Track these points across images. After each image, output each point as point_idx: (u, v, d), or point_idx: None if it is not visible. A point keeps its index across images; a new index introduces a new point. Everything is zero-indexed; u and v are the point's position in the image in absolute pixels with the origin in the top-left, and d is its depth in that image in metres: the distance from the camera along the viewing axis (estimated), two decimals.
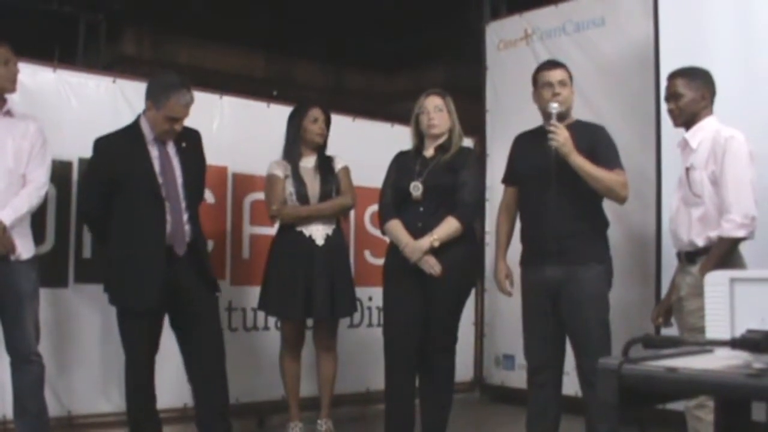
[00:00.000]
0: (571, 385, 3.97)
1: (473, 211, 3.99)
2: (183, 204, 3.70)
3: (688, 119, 3.39)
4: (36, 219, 3.77)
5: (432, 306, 3.83)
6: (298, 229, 4.28)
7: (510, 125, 4.94)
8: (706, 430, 3.10)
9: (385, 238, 4.17)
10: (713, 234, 3.24)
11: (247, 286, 4.73)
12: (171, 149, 3.74)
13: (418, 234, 3.81)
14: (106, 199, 3.66)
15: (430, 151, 3.96)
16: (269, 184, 4.36)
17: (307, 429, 4.39)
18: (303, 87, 9.86)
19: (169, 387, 4.12)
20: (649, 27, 4.68)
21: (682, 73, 3.42)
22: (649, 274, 4.58)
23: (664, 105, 3.53)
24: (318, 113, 4.40)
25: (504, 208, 3.93)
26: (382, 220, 4.02)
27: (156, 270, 3.59)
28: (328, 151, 4.47)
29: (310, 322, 4.46)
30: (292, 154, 4.36)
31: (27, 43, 4.05)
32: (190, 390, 3.87)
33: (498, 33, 5.84)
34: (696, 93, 3.36)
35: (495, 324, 5.69)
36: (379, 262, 4.71)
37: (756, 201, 3.20)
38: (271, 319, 4.76)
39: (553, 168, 3.50)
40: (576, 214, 3.57)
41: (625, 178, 3.59)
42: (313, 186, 4.32)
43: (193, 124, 3.82)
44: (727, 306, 1.43)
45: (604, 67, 5.06)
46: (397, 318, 3.90)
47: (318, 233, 4.28)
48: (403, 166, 4.00)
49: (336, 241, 4.35)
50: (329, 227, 4.33)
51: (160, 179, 3.65)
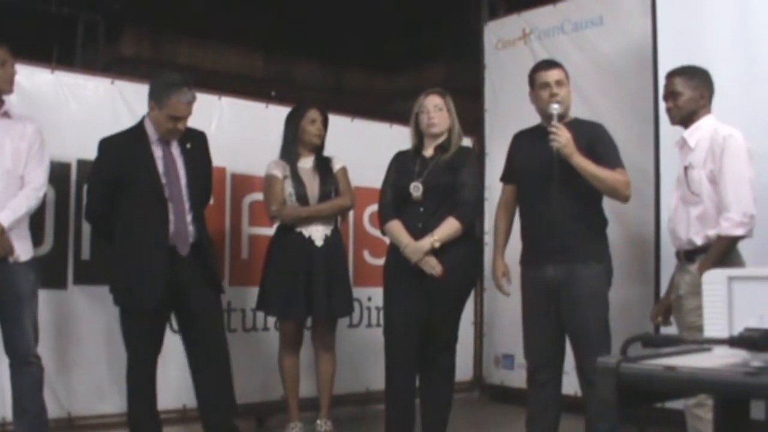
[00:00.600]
0: (570, 384, 3.97)
1: (473, 211, 3.99)
2: (186, 205, 3.71)
3: (686, 118, 3.40)
4: (35, 220, 3.77)
5: (432, 306, 3.83)
6: (298, 229, 4.28)
7: (508, 124, 4.94)
8: (706, 428, 3.10)
9: (385, 239, 4.17)
10: (712, 232, 3.24)
11: (246, 286, 4.73)
12: (175, 150, 3.75)
13: (418, 234, 3.81)
14: (111, 200, 3.67)
15: (429, 151, 3.96)
16: (268, 185, 4.36)
17: (307, 429, 4.39)
18: (302, 86, 9.85)
19: (170, 388, 4.12)
20: (647, 26, 4.68)
21: (680, 71, 3.43)
22: (648, 272, 4.59)
23: (663, 104, 3.54)
24: (316, 114, 4.40)
25: (502, 206, 3.92)
26: (382, 220, 4.01)
27: (157, 270, 3.59)
28: (328, 151, 4.48)
29: (309, 322, 4.46)
30: (290, 155, 4.36)
31: (25, 44, 4.05)
32: (194, 392, 3.86)
33: (496, 32, 5.84)
34: (694, 92, 3.37)
35: (494, 323, 5.69)
36: (378, 262, 4.72)
37: (754, 199, 3.20)
38: (271, 320, 4.76)
39: (555, 168, 3.49)
40: (576, 214, 3.56)
41: (627, 178, 3.59)
42: (312, 187, 4.33)
43: (192, 125, 3.82)
44: (726, 304, 1.43)
45: (603, 66, 5.06)
46: (397, 318, 3.89)
47: (317, 234, 4.29)
48: (402, 166, 4.00)
49: (334, 241, 4.35)
50: (328, 228, 4.33)
51: (163, 180, 3.67)
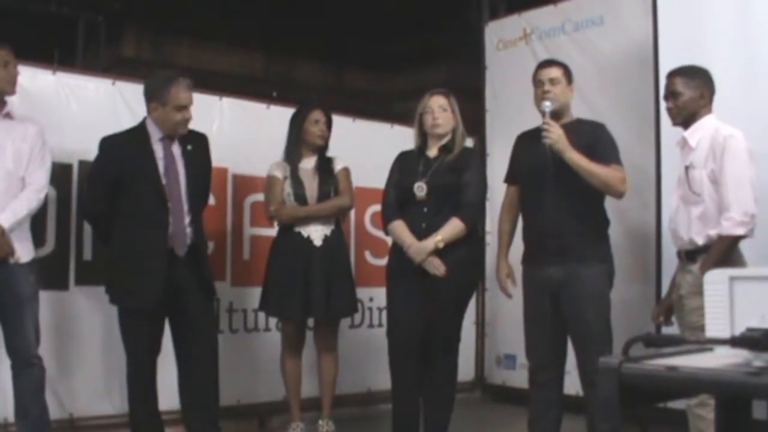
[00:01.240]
0: (572, 384, 3.97)
1: (477, 211, 3.99)
2: (185, 206, 3.70)
3: (686, 118, 3.39)
4: (36, 222, 3.77)
5: (435, 306, 3.83)
6: (297, 229, 4.29)
7: (509, 125, 4.95)
8: (708, 428, 3.10)
9: (386, 239, 4.17)
10: (713, 232, 3.24)
11: (248, 287, 4.73)
12: (176, 150, 3.75)
13: (422, 235, 3.80)
14: (110, 198, 3.67)
15: (433, 151, 3.96)
16: (268, 185, 4.37)
17: (309, 430, 4.39)
18: (303, 87, 9.85)
19: (170, 389, 4.12)
20: (648, 26, 4.68)
21: (681, 71, 3.42)
22: (650, 272, 4.59)
23: (664, 104, 3.54)
24: (319, 115, 4.40)
25: (506, 207, 3.92)
26: (385, 220, 4.01)
27: (157, 270, 3.59)
28: (328, 151, 4.48)
29: (311, 322, 4.46)
30: (293, 156, 4.36)
31: (26, 46, 4.05)
32: (179, 394, 3.83)
33: (497, 33, 5.85)
34: (695, 92, 3.36)
35: (496, 324, 5.69)
36: (379, 262, 4.72)
37: (755, 199, 3.20)
38: (272, 320, 4.76)
39: (549, 166, 3.50)
40: (575, 213, 3.56)
41: (622, 174, 3.57)
42: (311, 187, 4.33)
43: (193, 126, 3.82)
44: (727, 304, 1.43)
45: (604, 66, 5.06)
46: (400, 318, 3.89)
47: (316, 234, 4.28)
48: (406, 166, 3.99)
49: (335, 241, 4.35)
50: (327, 228, 4.33)
51: (163, 180, 3.66)
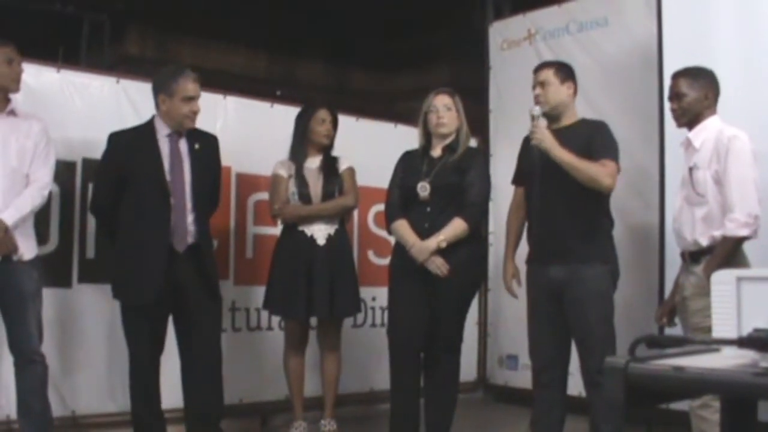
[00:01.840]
0: (575, 385, 3.97)
1: (480, 211, 3.98)
2: (189, 203, 3.71)
3: (691, 119, 3.39)
4: (40, 219, 3.77)
5: (437, 306, 3.83)
6: (300, 228, 4.29)
7: (513, 125, 4.94)
8: (711, 429, 3.10)
9: (390, 238, 4.17)
10: (717, 233, 3.23)
11: (251, 285, 4.74)
12: (183, 147, 3.75)
13: (425, 234, 3.80)
14: (116, 193, 3.68)
15: (437, 151, 3.95)
16: (273, 184, 4.38)
17: (311, 429, 4.39)
18: (306, 86, 9.85)
19: (173, 387, 4.12)
20: (652, 27, 4.67)
21: (685, 72, 3.42)
22: (653, 273, 4.58)
23: (668, 105, 3.53)
24: (325, 114, 4.41)
25: (514, 208, 3.92)
26: (388, 220, 4.01)
27: (157, 266, 3.59)
28: (332, 151, 4.48)
29: (314, 322, 4.46)
30: (298, 155, 4.37)
31: (31, 44, 4.05)
32: (183, 393, 3.84)
33: (501, 33, 5.84)
34: (699, 93, 3.36)
35: (498, 324, 5.69)
36: (382, 262, 4.72)
37: (759, 200, 3.20)
38: (275, 319, 4.76)
39: (542, 166, 3.51)
40: (577, 213, 3.55)
41: (610, 169, 3.49)
42: (315, 186, 4.33)
43: (197, 124, 3.82)
44: (734, 305, 1.43)
45: (608, 67, 5.05)
46: (402, 318, 3.89)
47: (320, 233, 4.29)
48: (409, 165, 3.99)
49: (339, 241, 4.35)
50: (331, 227, 4.33)
51: (168, 176, 3.67)
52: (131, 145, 3.70)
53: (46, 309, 3.67)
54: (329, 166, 4.40)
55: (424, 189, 3.85)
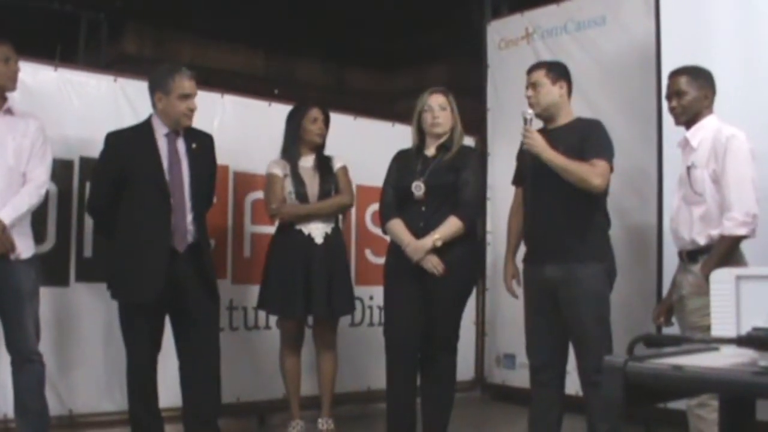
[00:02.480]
0: (572, 384, 3.97)
1: (475, 210, 3.99)
2: (188, 203, 3.71)
3: (690, 118, 3.38)
4: (37, 218, 3.77)
5: (433, 305, 3.83)
6: (297, 227, 4.29)
7: (511, 124, 4.93)
8: (708, 428, 3.10)
9: (386, 237, 4.16)
10: (715, 232, 3.23)
11: (248, 284, 4.73)
12: (181, 147, 3.75)
13: (420, 233, 3.80)
14: (114, 193, 3.68)
15: (431, 150, 3.95)
16: (269, 183, 4.37)
17: (308, 428, 4.39)
18: (304, 85, 9.85)
19: (170, 386, 4.12)
20: (650, 26, 4.67)
21: (685, 71, 3.41)
22: (650, 272, 4.58)
23: (665, 104, 3.53)
24: (317, 113, 4.40)
25: (514, 208, 3.91)
26: (383, 219, 4.01)
27: (157, 265, 3.59)
28: (330, 149, 4.48)
29: (310, 320, 4.46)
30: (291, 154, 4.36)
31: (28, 42, 4.04)
32: (181, 392, 3.84)
33: (499, 32, 5.84)
34: (699, 91, 3.36)
35: (496, 323, 5.69)
36: (379, 261, 4.71)
37: (757, 199, 3.20)
38: (272, 318, 4.75)
39: (535, 168, 3.51)
40: (571, 213, 3.53)
41: (601, 168, 3.47)
42: (312, 185, 4.33)
43: (195, 122, 3.82)
44: (733, 303, 1.42)
45: (606, 66, 5.05)
46: (398, 317, 3.89)
47: (317, 232, 4.29)
48: (404, 165, 3.99)
49: (335, 239, 4.36)
50: (328, 226, 4.33)
51: (167, 176, 3.66)
52: (130, 145, 3.70)
53: (43, 308, 3.67)
54: (324, 165, 4.41)
55: (418, 188, 3.85)
